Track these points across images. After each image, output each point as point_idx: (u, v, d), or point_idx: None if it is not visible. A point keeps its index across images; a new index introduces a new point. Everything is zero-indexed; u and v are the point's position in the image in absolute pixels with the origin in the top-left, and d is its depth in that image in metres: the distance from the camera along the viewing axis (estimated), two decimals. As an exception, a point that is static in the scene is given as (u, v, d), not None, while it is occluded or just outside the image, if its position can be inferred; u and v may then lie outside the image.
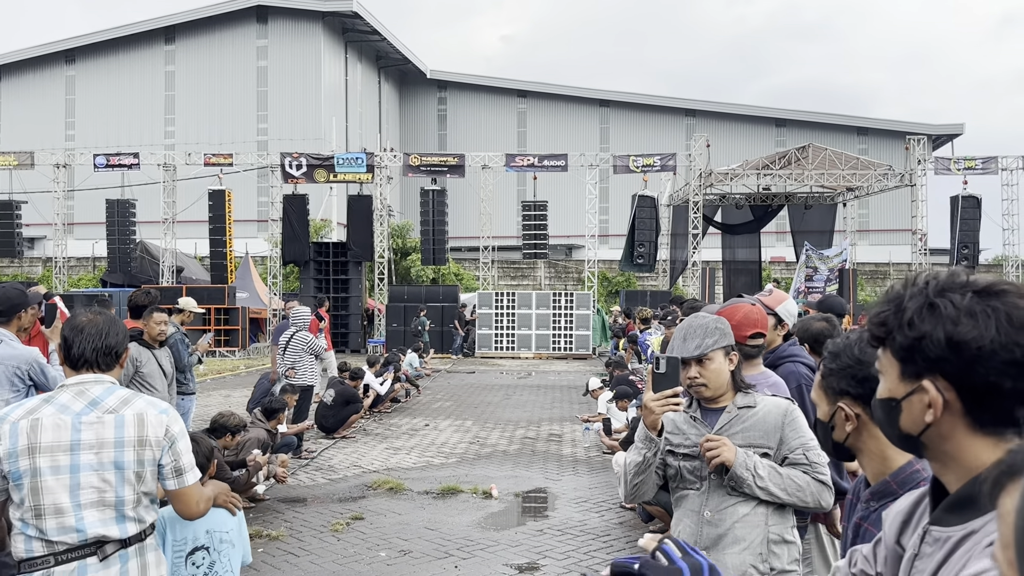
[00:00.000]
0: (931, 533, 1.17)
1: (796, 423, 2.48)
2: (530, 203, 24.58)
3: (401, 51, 45.89)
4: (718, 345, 2.51)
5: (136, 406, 2.47)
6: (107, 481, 2.39)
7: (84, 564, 2.37)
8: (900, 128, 42.05)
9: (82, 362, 2.47)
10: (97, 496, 2.38)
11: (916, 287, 1.18)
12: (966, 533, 1.12)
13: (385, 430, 10.71)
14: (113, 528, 2.40)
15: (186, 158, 25.01)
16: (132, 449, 2.41)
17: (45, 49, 44.04)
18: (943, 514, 1.17)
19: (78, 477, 2.36)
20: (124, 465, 2.40)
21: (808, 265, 23.87)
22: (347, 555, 5.57)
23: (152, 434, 2.44)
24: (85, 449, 2.38)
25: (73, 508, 2.36)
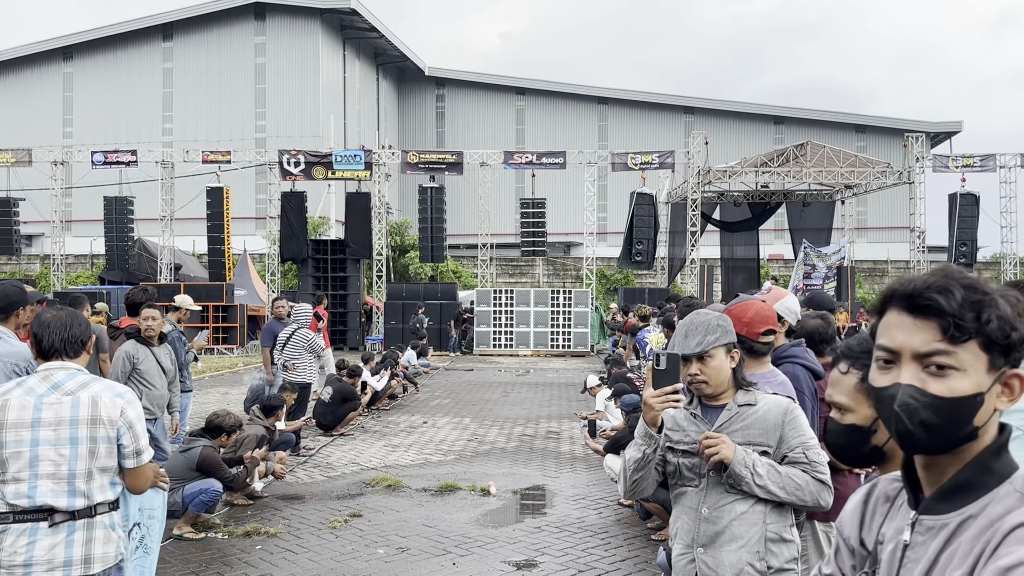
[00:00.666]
0: (922, 523, 1.19)
1: (796, 422, 2.47)
2: (528, 200, 24.57)
3: (399, 48, 45.84)
4: (719, 342, 2.51)
5: (92, 389, 2.78)
6: (62, 455, 2.69)
7: (36, 527, 2.68)
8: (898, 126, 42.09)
9: (51, 352, 2.81)
10: (52, 468, 2.68)
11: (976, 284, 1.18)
12: (964, 518, 1.14)
13: (383, 427, 10.71)
14: (62, 500, 2.69)
15: (184, 155, 24.97)
16: (86, 426, 2.71)
17: (42, 46, 43.94)
18: (935, 503, 1.18)
19: (37, 451, 2.68)
20: (78, 441, 2.70)
21: (806, 263, 23.89)
22: (345, 552, 5.57)
23: (105, 413, 2.74)
24: (44, 426, 2.69)
25: (30, 477, 2.68)
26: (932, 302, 1.16)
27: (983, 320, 1.14)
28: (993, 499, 1.14)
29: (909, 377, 1.16)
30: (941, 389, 1.15)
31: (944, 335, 1.15)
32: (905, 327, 1.18)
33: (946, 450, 1.18)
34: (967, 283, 1.17)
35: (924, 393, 1.15)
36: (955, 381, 1.14)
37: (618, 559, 5.44)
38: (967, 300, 1.15)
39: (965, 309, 1.15)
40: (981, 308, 1.14)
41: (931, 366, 1.15)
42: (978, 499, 1.15)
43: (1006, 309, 1.15)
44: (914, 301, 1.18)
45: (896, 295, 1.21)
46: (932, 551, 1.16)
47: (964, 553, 1.12)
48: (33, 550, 2.67)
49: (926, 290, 1.17)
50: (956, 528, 1.15)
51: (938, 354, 1.15)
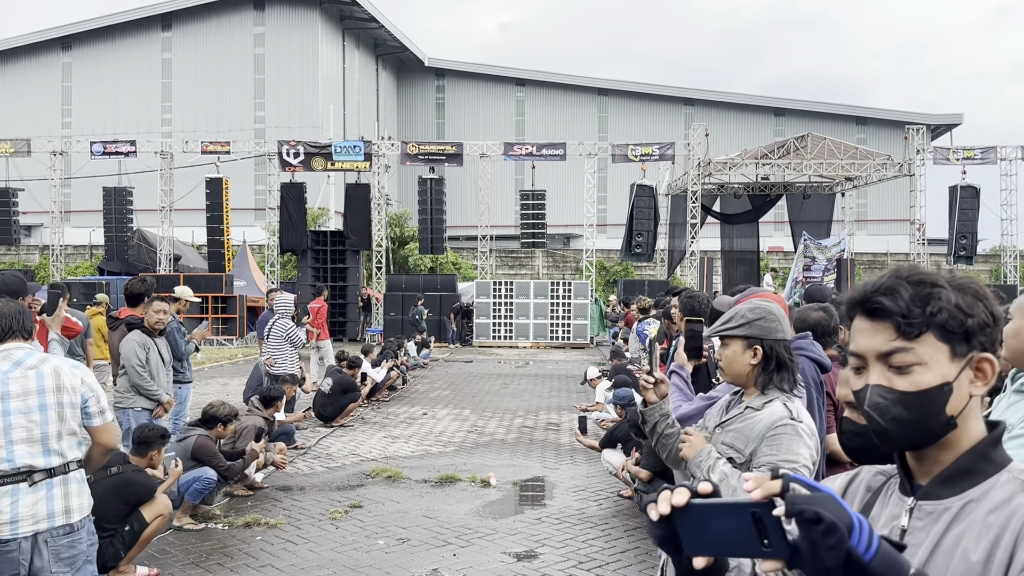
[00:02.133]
0: (922, 508, 1.22)
1: (777, 439, 2.33)
2: (528, 192, 24.53)
3: (399, 38, 45.66)
4: (738, 332, 2.50)
5: (52, 362, 3.17)
6: (33, 421, 3.04)
7: (17, 488, 3.01)
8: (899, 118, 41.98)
9: (8, 334, 3.15)
10: (26, 434, 3.03)
11: (925, 278, 1.22)
12: (966, 502, 1.18)
13: (383, 419, 10.71)
14: (39, 459, 3.04)
15: (183, 146, 24.91)
16: (52, 393, 3.08)
17: (41, 36, 43.77)
18: (935, 488, 1.22)
19: (9, 419, 3.01)
20: (47, 407, 3.06)
21: (806, 255, 23.88)
22: (345, 543, 5.58)
23: (68, 382, 3.12)
24: (13, 397, 3.04)
25: (6, 444, 3.01)
26: (879, 304, 1.21)
27: (929, 313, 1.18)
28: (994, 485, 1.18)
29: (876, 377, 1.21)
30: (906, 384, 1.19)
31: (898, 333, 1.19)
32: (866, 331, 1.23)
33: (927, 443, 1.21)
34: (917, 279, 1.21)
35: (891, 391, 1.19)
36: (918, 375, 1.19)
37: (618, 550, 5.45)
38: (916, 296, 1.19)
39: (913, 305, 1.19)
40: (928, 301, 1.18)
41: (893, 364, 1.20)
42: (978, 484, 1.19)
43: (954, 298, 1.19)
44: (867, 306, 1.23)
45: (853, 302, 1.26)
46: (934, 535, 1.19)
47: (976, 536, 1.15)
48: (17, 508, 2.99)
49: (874, 293, 1.22)
50: (958, 512, 1.18)
51: (897, 352, 1.20)
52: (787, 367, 2.48)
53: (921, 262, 24.18)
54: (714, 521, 1.06)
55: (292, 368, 9.47)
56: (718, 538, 1.06)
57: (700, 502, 1.08)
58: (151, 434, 5.18)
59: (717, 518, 1.06)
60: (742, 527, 1.04)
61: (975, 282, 1.23)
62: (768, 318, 2.49)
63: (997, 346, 1.24)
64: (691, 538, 1.09)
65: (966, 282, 1.22)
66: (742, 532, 1.04)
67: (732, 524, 1.05)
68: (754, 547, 1.04)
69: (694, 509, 1.08)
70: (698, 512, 1.08)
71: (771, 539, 1.03)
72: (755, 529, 1.03)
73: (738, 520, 1.04)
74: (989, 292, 1.24)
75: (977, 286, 1.22)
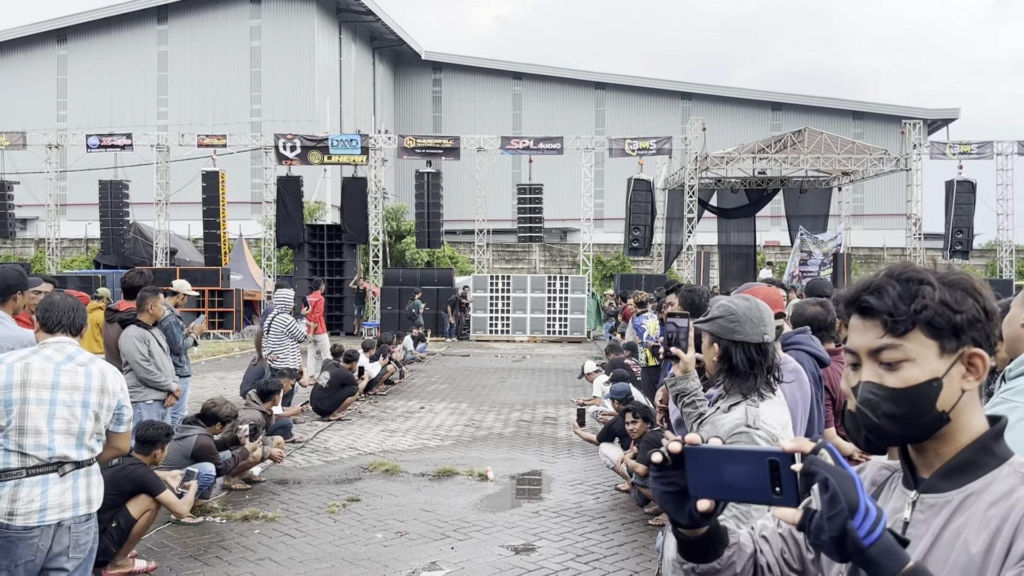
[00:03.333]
0: (924, 501, 1.24)
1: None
2: (525, 186, 24.50)
3: (396, 32, 45.51)
4: (704, 327, 2.50)
5: (99, 364, 3.36)
6: (75, 415, 3.21)
7: (47, 478, 3.17)
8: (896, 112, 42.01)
9: (59, 327, 3.31)
10: (65, 425, 3.19)
11: (914, 275, 1.23)
12: (966, 495, 1.20)
13: (381, 412, 10.72)
14: (73, 452, 3.22)
15: (179, 139, 24.82)
16: (96, 393, 3.28)
17: (37, 28, 43.53)
18: (937, 481, 1.24)
19: (55, 409, 3.18)
20: (89, 404, 3.25)
21: (803, 249, 23.91)
22: (343, 536, 5.59)
23: (111, 386, 3.33)
24: (62, 389, 3.21)
25: (48, 432, 3.17)
26: (867, 303, 1.23)
27: (914, 310, 1.19)
28: (995, 478, 1.19)
29: (867, 374, 1.23)
30: (895, 381, 1.21)
31: (886, 330, 1.21)
32: (857, 329, 1.26)
33: (920, 438, 1.23)
34: (906, 277, 1.22)
35: (881, 387, 1.21)
36: (907, 371, 1.20)
37: (616, 544, 5.47)
38: (903, 294, 1.20)
39: (900, 303, 1.20)
40: (914, 298, 1.20)
41: (883, 361, 1.22)
42: (980, 477, 1.20)
43: (941, 295, 1.20)
44: (857, 304, 1.25)
45: (846, 300, 1.28)
46: (935, 528, 1.21)
47: (977, 528, 1.17)
48: (47, 497, 3.15)
49: (863, 292, 1.24)
50: (959, 505, 1.20)
51: (885, 349, 1.21)
52: (742, 372, 2.40)
53: (917, 257, 24.22)
54: (728, 466, 1.11)
55: (293, 362, 9.47)
56: (729, 482, 1.11)
57: (716, 447, 1.13)
58: (156, 433, 5.16)
59: (731, 463, 1.11)
60: (756, 473, 1.09)
61: (969, 277, 1.23)
62: (728, 318, 2.43)
63: (994, 340, 1.24)
64: (700, 481, 1.13)
65: (957, 278, 1.23)
66: (756, 478, 1.09)
67: (746, 470, 1.10)
68: (765, 493, 1.09)
69: (708, 453, 1.13)
70: (712, 456, 1.12)
71: (783, 487, 1.07)
72: (769, 476, 1.08)
73: (754, 466, 1.09)
74: (985, 287, 1.24)
75: (970, 281, 1.23)
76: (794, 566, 1.41)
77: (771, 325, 2.48)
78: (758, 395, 2.41)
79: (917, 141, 24.18)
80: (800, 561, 1.41)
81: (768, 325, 2.46)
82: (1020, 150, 24.62)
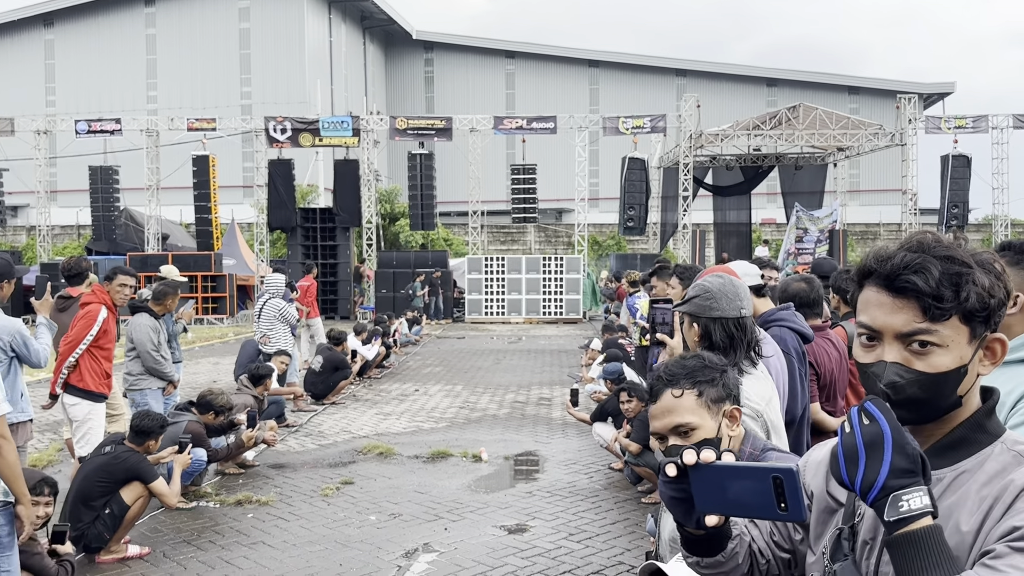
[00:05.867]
0: None
1: None
2: (519, 166, 24.36)
3: (386, 11, 45.02)
4: (682, 309, 2.52)
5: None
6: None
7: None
8: (891, 87, 41.78)
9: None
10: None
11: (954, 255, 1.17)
12: (959, 473, 1.18)
13: (375, 395, 10.70)
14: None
15: (169, 123, 24.60)
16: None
17: (22, 12, 42.98)
18: (930, 458, 1.20)
19: None
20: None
21: (798, 226, 23.86)
22: (337, 519, 5.57)
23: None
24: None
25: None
26: (910, 284, 1.15)
27: (963, 297, 1.15)
28: (988, 456, 1.17)
29: (893, 356, 1.18)
30: (925, 366, 1.16)
31: (925, 315, 1.15)
32: (885, 307, 1.18)
33: (930, 420, 1.21)
34: (945, 255, 1.16)
35: (909, 370, 1.17)
36: (938, 357, 1.16)
37: (608, 522, 5.46)
38: (945, 276, 1.15)
39: (944, 287, 1.14)
40: (960, 284, 1.14)
41: (914, 344, 1.16)
42: (972, 455, 1.18)
43: (984, 280, 1.16)
44: (892, 282, 1.17)
45: (874, 273, 1.20)
46: None
47: (969, 508, 1.15)
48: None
49: (904, 271, 1.16)
50: (951, 483, 1.18)
51: (920, 333, 1.16)
52: (723, 347, 2.38)
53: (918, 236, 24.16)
54: (733, 482, 1.12)
55: (285, 345, 9.46)
56: (735, 499, 1.12)
57: (721, 463, 1.14)
58: (150, 424, 5.12)
59: (737, 479, 1.12)
60: (761, 489, 1.10)
61: (995, 257, 1.19)
62: (703, 296, 2.45)
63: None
64: (706, 497, 1.14)
65: (988, 259, 1.18)
66: (760, 494, 1.10)
67: (751, 486, 1.11)
68: (770, 509, 1.10)
69: (714, 469, 1.13)
70: (718, 472, 1.13)
71: (788, 502, 1.08)
72: (774, 492, 1.09)
73: (758, 483, 1.10)
74: (1003, 266, 1.20)
75: (996, 262, 1.19)
76: (784, 547, 1.42)
77: (747, 300, 2.49)
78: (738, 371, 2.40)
79: (912, 116, 24.06)
80: (789, 541, 1.42)
81: (744, 300, 2.47)
82: (1015, 124, 24.53)
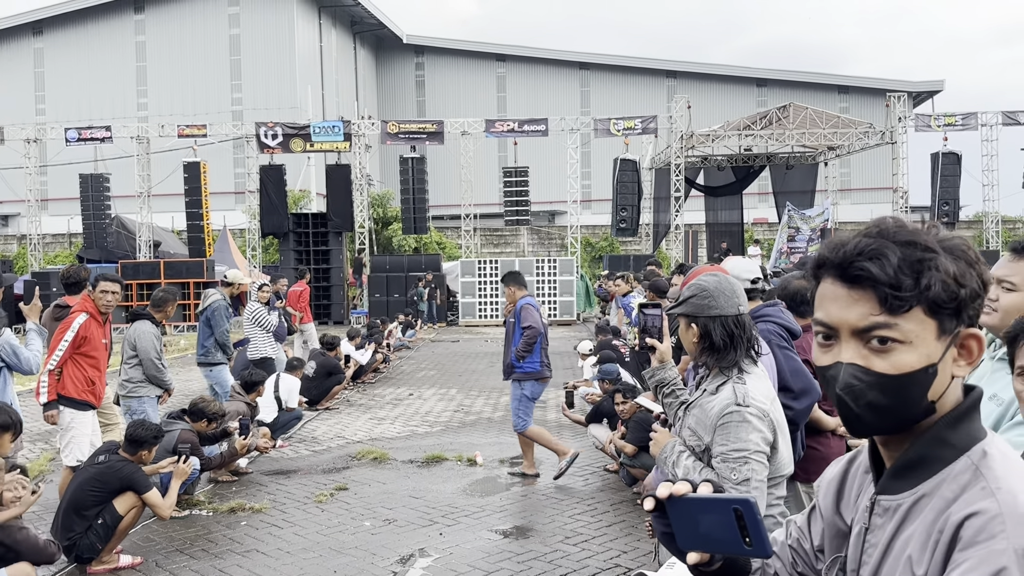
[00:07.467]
0: (880, 503, 1.09)
1: (726, 428, 2.29)
2: (511, 169, 24.35)
3: (376, 15, 44.98)
4: (679, 310, 2.50)
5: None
6: None
7: None
8: (881, 86, 41.92)
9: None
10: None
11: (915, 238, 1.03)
12: (917, 498, 1.04)
13: (369, 400, 10.66)
14: None
15: (159, 130, 24.52)
16: None
17: (12, 21, 42.79)
18: (889, 482, 1.08)
19: None
20: None
21: (790, 226, 23.90)
22: (331, 525, 5.54)
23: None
24: None
25: None
26: (863, 271, 1.02)
27: (924, 285, 1.00)
28: (948, 476, 1.03)
29: (850, 355, 1.04)
30: (886, 366, 1.02)
31: (882, 306, 1.01)
32: (840, 299, 1.05)
33: (901, 430, 1.06)
34: (905, 239, 1.02)
35: (868, 372, 1.02)
36: (901, 355, 1.02)
37: (604, 524, 5.45)
38: (905, 262, 1.01)
39: (903, 274, 1.01)
40: (921, 270, 1.01)
41: (872, 340, 1.03)
42: (933, 475, 1.04)
43: (949, 267, 1.01)
44: (845, 270, 1.04)
45: (827, 263, 1.07)
46: (887, 535, 1.07)
47: (921, 544, 1.01)
48: None
49: (857, 257, 1.03)
50: (909, 510, 1.04)
51: (878, 327, 1.02)
52: (723, 346, 2.38)
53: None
54: (702, 516, 1.06)
55: (265, 351, 9.38)
56: (706, 533, 1.06)
57: (689, 496, 1.07)
58: (144, 433, 5.08)
59: (705, 513, 1.06)
60: (725, 523, 1.03)
61: (966, 243, 1.06)
62: (700, 295, 2.44)
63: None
64: (684, 532, 1.09)
65: (958, 244, 1.04)
66: (726, 528, 1.03)
67: (717, 520, 1.04)
68: (737, 544, 1.03)
69: (684, 502, 1.07)
70: (688, 505, 1.07)
71: (751, 536, 1.01)
72: (737, 526, 1.03)
73: (722, 516, 1.04)
74: (979, 255, 1.06)
75: (968, 249, 1.05)
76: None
77: (743, 296, 2.48)
78: (740, 370, 2.40)
79: (902, 114, 24.16)
80: (814, 572, 1.28)
81: (741, 297, 2.46)
82: (1005, 121, 24.65)
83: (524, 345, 6.46)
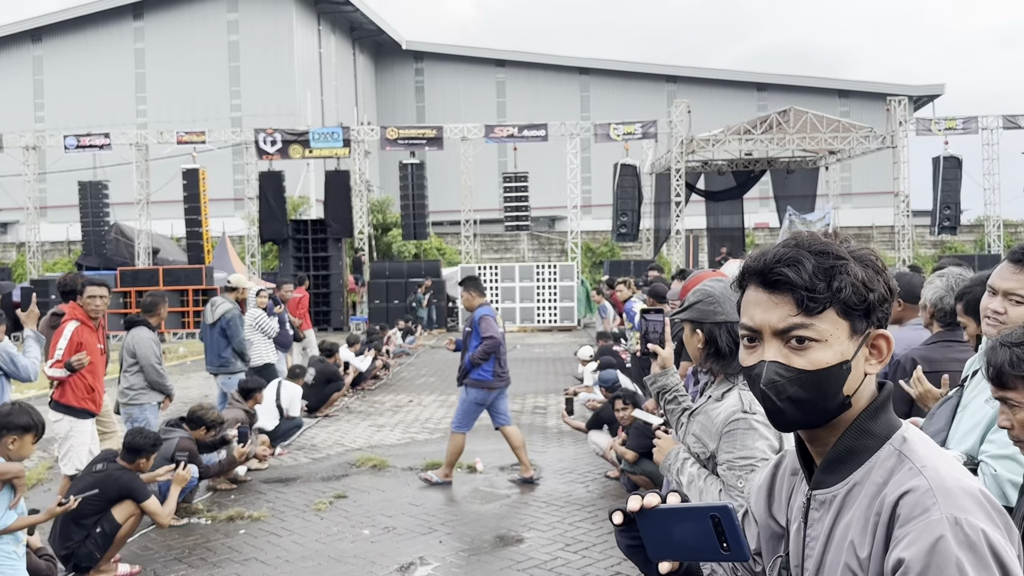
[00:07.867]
0: (815, 498, 1.18)
1: (732, 436, 2.27)
2: (511, 175, 24.34)
3: (375, 21, 45.07)
4: (683, 316, 2.48)
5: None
6: None
7: None
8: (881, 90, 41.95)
9: None
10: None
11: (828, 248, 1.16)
12: (850, 488, 1.14)
13: (368, 407, 10.60)
14: None
15: (158, 137, 24.50)
16: None
17: (11, 28, 42.88)
18: (822, 476, 1.18)
19: None
20: None
21: (791, 230, 23.87)
22: (330, 533, 5.48)
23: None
24: None
25: None
26: (782, 276, 1.14)
27: (835, 288, 1.13)
28: (875, 462, 1.13)
29: (772, 354, 1.15)
30: (804, 363, 1.13)
31: (799, 308, 1.13)
32: (762, 304, 1.17)
33: (820, 423, 1.16)
34: (819, 250, 1.15)
35: (788, 368, 1.14)
36: (817, 352, 1.13)
37: (605, 532, 5.38)
38: (818, 269, 1.13)
39: (817, 279, 1.13)
40: (833, 275, 1.13)
41: (791, 340, 1.14)
42: (862, 464, 1.14)
43: (858, 272, 1.14)
44: (766, 277, 1.16)
45: (750, 271, 1.19)
46: (826, 527, 1.15)
47: (860, 528, 1.10)
48: None
49: (776, 264, 1.15)
50: (844, 499, 1.14)
51: (796, 328, 1.14)
52: (729, 352, 2.36)
53: (906, 235, 24.25)
54: (676, 525, 1.10)
55: (265, 357, 9.30)
56: (680, 542, 1.10)
57: (662, 506, 1.11)
58: (143, 441, 5.03)
59: (679, 522, 1.10)
60: (702, 530, 1.08)
61: (874, 253, 1.19)
62: (706, 301, 2.43)
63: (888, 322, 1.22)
64: (655, 542, 1.12)
65: (866, 254, 1.17)
66: (703, 535, 1.08)
67: (693, 528, 1.09)
68: (714, 550, 1.08)
69: (657, 513, 1.11)
70: (661, 516, 1.11)
71: (729, 542, 1.06)
72: (714, 532, 1.07)
73: (699, 524, 1.08)
74: (886, 264, 1.19)
75: (876, 259, 1.18)
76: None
77: None
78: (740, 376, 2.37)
79: (903, 118, 24.14)
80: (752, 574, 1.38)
81: None
82: (1006, 124, 24.63)
83: (481, 353, 6.48)
